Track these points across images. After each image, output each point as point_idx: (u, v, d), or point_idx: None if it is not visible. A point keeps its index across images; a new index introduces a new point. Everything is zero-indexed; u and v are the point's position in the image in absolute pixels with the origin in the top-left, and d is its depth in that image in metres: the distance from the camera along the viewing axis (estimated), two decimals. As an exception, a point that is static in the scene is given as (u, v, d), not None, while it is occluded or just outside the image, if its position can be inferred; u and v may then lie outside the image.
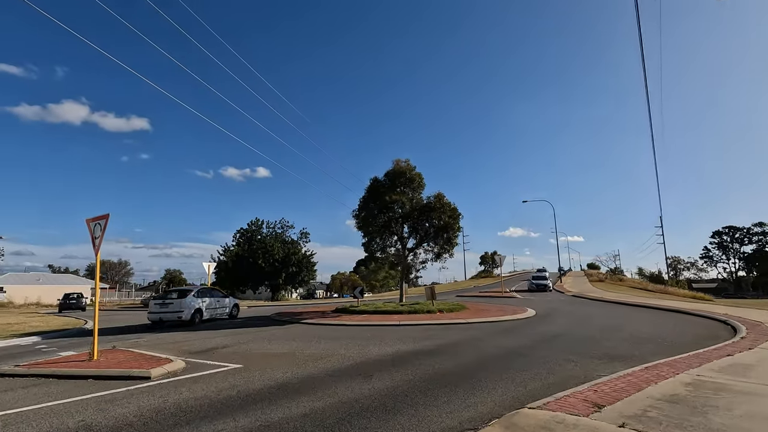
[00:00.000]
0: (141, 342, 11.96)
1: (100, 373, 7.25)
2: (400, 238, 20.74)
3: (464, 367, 7.48)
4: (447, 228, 19.29)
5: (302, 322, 16.30)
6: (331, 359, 8.55)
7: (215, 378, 7.02)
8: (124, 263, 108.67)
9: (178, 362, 8.07)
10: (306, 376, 7.00)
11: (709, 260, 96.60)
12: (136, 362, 7.96)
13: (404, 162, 20.87)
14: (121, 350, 9.59)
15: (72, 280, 63.19)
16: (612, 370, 7.28)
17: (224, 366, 8.00)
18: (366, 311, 18.68)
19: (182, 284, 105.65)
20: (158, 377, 7.10)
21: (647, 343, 9.98)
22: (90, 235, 8.68)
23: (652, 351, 9.06)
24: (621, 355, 8.56)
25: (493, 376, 6.80)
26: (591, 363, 7.80)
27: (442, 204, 19.50)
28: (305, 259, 54.35)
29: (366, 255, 22.02)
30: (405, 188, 20.39)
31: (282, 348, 10.15)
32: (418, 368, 7.47)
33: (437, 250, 20.10)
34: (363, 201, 20.65)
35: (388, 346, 10.09)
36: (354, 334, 12.31)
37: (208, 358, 8.88)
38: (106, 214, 8.52)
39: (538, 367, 7.46)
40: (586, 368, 7.37)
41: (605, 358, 8.27)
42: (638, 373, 6.54)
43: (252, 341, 11.45)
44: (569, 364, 7.73)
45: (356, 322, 15.21)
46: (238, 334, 13.27)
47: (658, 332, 11.93)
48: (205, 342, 11.54)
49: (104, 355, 8.76)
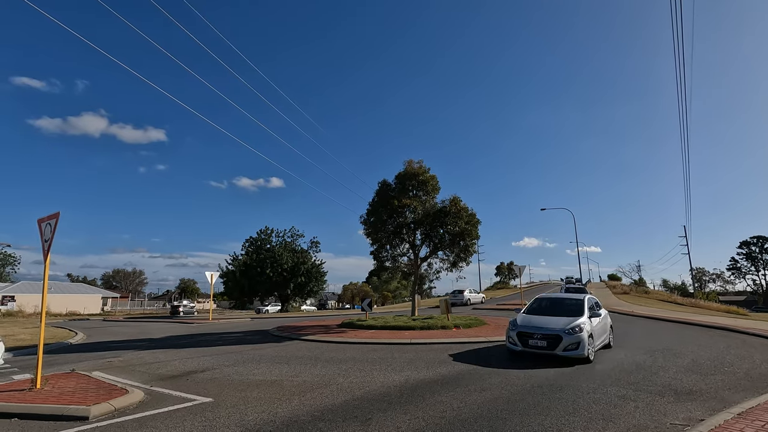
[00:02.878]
0: (115, 362, 10.51)
1: (30, 410, 5.76)
2: (412, 245, 19.03)
3: (491, 409, 5.76)
4: (464, 235, 17.53)
5: (302, 338, 14.68)
6: (323, 391, 6.93)
7: (171, 419, 5.47)
8: (138, 272, 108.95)
9: (136, 394, 6.56)
10: (286, 420, 5.39)
11: (737, 271, 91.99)
12: (84, 394, 6.46)
13: (417, 163, 19.24)
14: (79, 375, 8.11)
15: (84, 289, 62.67)
16: (686, 413, 5.54)
17: (190, 400, 6.44)
18: (374, 326, 16.99)
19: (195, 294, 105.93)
20: (98, 417, 5.58)
21: (714, 373, 8.12)
22: (40, 237, 7.30)
23: (726, 384, 7.24)
24: (688, 390, 6.76)
25: (531, 423, 5.10)
26: (655, 402, 6.04)
27: (458, 209, 17.77)
28: (315, 269, 52.67)
29: (375, 264, 20.34)
30: (417, 192, 18.74)
31: (269, 374, 8.54)
32: (431, 408, 5.80)
33: (453, 259, 18.31)
34: (372, 206, 19.07)
35: (396, 372, 8.43)
36: (358, 355, 10.66)
37: (176, 387, 7.33)
38: (56, 212, 7.15)
39: (588, 408, 5.73)
40: (652, 411, 5.62)
41: (670, 395, 6.50)
42: (733, 425, 4.78)
43: (238, 363, 9.88)
44: (627, 403, 5.97)
45: (363, 340, 13.55)
46: (227, 353, 11.72)
47: (718, 356, 10.01)
48: (185, 363, 10.03)
49: (53, 382, 7.30)
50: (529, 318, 10.16)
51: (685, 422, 5.15)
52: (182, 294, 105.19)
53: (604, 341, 10.53)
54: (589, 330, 9.21)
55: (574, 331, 9.03)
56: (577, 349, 8.83)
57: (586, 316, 9.67)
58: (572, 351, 8.86)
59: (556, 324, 9.32)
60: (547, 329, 9.25)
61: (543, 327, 9.39)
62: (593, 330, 9.50)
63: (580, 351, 8.81)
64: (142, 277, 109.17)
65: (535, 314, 10.46)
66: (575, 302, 10.60)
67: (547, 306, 10.97)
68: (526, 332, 9.50)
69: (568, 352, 8.89)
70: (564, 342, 8.90)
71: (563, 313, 10.09)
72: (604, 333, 10.61)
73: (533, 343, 9.27)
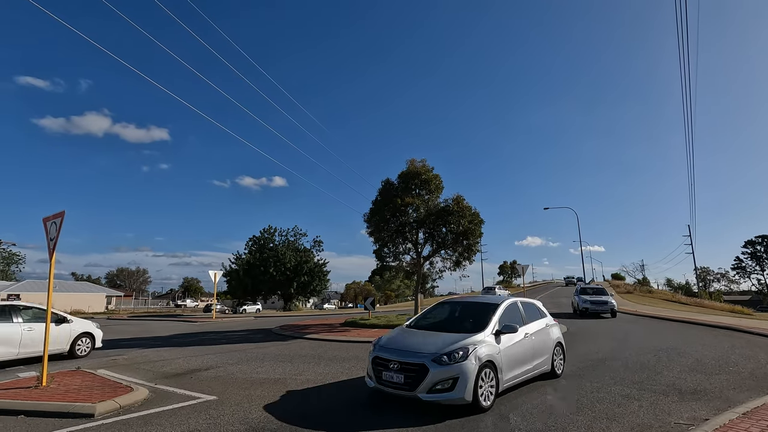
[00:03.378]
0: (120, 360, 10.56)
1: (36, 407, 5.80)
2: (415, 244, 19.03)
3: (494, 409, 5.77)
4: (467, 234, 17.49)
5: (305, 337, 14.71)
6: (328, 390, 6.95)
7: (176, 417, 5.50)
8: (142, 271, 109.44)
9: (141, 391, 6.59)
10: (291, 416, 5.42)
11: (742, 271, 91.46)
12: (89, 392, 6.50)
13: (420, 162, 19.23)
14: (84, 372, 8.16)
15: (88, 288, 62.95)
16: (690, 413, 5.53)
17: (195, 398, 6.47)
18: (377, 325, 17.03)
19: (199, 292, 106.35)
20: (104, 414, 5.61)
21: (719, 373, 8.09)
22: (45, 235, 7.34)
23: (731, 383, 7.22)
24: (692, 390, 6.75)
25: (535, 422, 5.10)
26: (659, 402, 6.03)
27: (462, 207, 17.74)
28: (317, 268, 52.77)
29: (378, 263, 20.34)
30: (420, 190, 18.72)
31: (273, 372, 8.57)
32: (432, 406, 5.81)
33: (456, 258, 18.28)
34: (375, 205, 19.06)
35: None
36: (361, 354, 10.68)
37: (181, 386, 7.37)
38: (62, 211, 7.18)
39: (592, 408, 5.72)
40: (656, 410, 5.61)
41: (674, 394, 6.49)
42: (738, 424, 4.76)
43: (241, 361, 9.91)
44: (631, 403, 5.97)
45: (365, 338, 13.56)
46: (231, 351, 11.77)
47: (723, 356, 9.97)
48: (189, 361, 10.07)
49: (59, 380, 7.34)
50: (403, 335, 6.58)
51: (690, 422, 5.14)
52: (186, 292, 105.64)
53: (534, 370, 6.96)
54: (485, 355, 5.67)
55: (451, 358, 5.47)
56: (451, 390, 5.34)
57: (489, 333, 6.10)
58: (444, 394, 5.37)
59: (430, 346, 5.82)
60: (412, 354, 5.74)
61: (408, 350, 5.87)
62: (502, 355, 6.02)
63: (456, 393, 5.33)
64: (145, 275, 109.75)
65: (422, 328, 6.87)
66: (483, 308, 6.95)
67: (446, 316, 7.44)
68: (383, 358, 5.93)
69: (435, 396, 5.38)
70: (430, 377, 5.39)
71: (458, 327, 6.64)
72: (535, 357, 6.95)
73: (387, 378, 5.76)
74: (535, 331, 7.18)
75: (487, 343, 5.92)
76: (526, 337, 6.81)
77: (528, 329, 7.02)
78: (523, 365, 6.62)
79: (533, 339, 7.02)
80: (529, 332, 6.99)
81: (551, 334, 7.79)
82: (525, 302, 7.72)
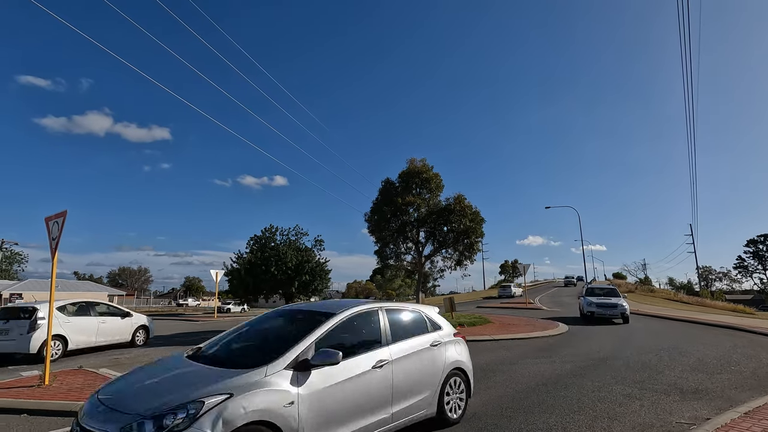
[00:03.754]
0: (122, 359, 10.59)
1: (39, 405, 5.83)
2: (416, 243, 19.05)
3: (496, 407, 5.78)
4: (468, 232, 17.51)
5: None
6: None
7: (177, 416, 5.51)
8: (143, 270, 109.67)
9: (143, 390, 6.60)
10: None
11: (744, 270, 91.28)
12: (92, 390, 6.52)
13: (420, 161, 19.24)
14: (87, 371, 8.19)
15: (90, 287, 63.16)
16: (692, 412, 5.52)
17: (196, 397, 6.49)
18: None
19: (200, 292, 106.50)
20: (106, 414, 5.64)
21: (721, 372, 8.08)
22: (48, 235, 7.36)
23: (732, 383, 7.21)
24: (694, 389, 6.74)
25: (536, 421, 5.10)
26: (660, 401, 6.03)
27: (463, 207, 17.76)
28: (319, 267, 52.82)
29: (379, 262, 20.35)
30: (421, 190, 18.74)
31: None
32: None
33: (457, 257, 18.30)
34: (375, 204, 19.09)
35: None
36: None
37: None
38: (64, 210, 7.21)
39: (593, 406, 5.73)
40: (657, 409, 5.61)
41: (675, 393, 6.48)
42: (740, 424, 4.76)
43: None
44: (632, 402, 5.96)
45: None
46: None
47: (725, 355, 9.96)
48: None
49: (61, 379, 7.37)
50: (154, 372, 3.89)
51: (691, 421, 5.14)
52: (188, 291, 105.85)
53: (397, 419, 4.30)
54: (252, 411, 3.08)
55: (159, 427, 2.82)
56: None
57: (282, 367, 3.47)
58: None
59: (150, 399, 3.14)
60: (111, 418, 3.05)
61: (119, 408, 3.12)
62: (306, 406, 3.44)
63: None
64: (147, 275, 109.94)
65: (206, 356, 4.24)
66: (302, 323, 4.43)
67: (258, 336, 4.88)
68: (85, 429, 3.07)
69: None
70: None
71: (247, 356, 4.30)
72: (400, 398, 4.35)
73: None
74: (404, 355, 4.58)
75: (268, 387, 3.29)
76: (379, 367, 4.22)
77: (389, 352, 4.43)
78: (368, 415, 4.00)
79: (398, 367, 4.43)
80: (391, 358, 4.40)
81: (441, 357, 5.04)
82: (396, 309, 5.03)
